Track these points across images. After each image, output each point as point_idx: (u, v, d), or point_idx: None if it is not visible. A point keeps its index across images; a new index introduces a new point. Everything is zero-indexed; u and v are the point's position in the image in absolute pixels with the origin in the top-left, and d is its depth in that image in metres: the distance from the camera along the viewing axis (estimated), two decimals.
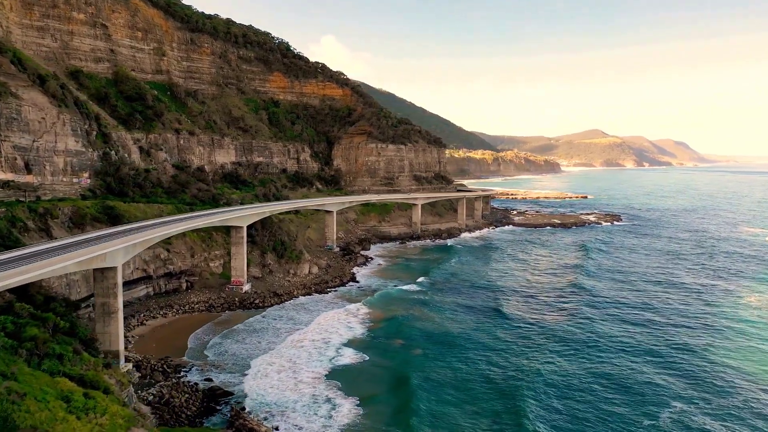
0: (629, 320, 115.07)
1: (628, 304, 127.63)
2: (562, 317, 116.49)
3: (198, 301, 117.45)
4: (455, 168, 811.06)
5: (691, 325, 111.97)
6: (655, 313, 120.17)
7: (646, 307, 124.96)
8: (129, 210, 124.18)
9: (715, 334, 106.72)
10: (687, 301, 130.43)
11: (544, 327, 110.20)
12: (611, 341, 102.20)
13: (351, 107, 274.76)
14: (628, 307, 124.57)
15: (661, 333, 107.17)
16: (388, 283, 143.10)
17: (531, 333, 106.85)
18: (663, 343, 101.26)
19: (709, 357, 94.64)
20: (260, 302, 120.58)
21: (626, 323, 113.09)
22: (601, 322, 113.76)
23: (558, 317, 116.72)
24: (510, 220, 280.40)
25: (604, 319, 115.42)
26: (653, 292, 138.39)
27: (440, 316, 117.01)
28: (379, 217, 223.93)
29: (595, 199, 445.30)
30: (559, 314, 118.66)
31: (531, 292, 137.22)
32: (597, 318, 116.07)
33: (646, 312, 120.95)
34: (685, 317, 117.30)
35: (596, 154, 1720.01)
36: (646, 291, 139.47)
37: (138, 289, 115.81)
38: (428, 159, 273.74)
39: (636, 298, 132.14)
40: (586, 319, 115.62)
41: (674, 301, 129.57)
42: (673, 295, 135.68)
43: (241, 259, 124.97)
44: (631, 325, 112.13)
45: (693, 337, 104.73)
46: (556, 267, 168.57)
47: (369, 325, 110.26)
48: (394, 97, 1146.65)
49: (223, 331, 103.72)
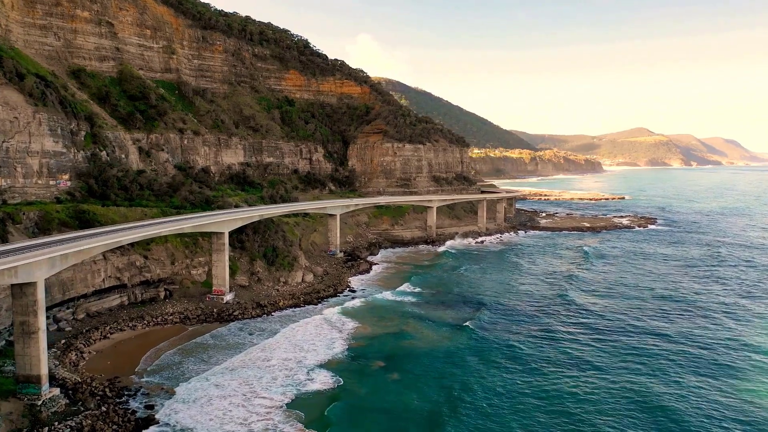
0: (629, 353, 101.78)
1: (631, 331, 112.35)
2: (562, 347, 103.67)
3: (173, 312, 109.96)
4: (490, 168, 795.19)
5: (713, 360, 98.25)
6: (669, 341, 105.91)
7: (658, 335, 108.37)
8: (107, 214, 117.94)
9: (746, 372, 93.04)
10: (713, 327, 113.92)
11: (535, 357, 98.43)
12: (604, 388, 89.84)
13: (369, 106, 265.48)
14: (628, 337, 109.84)
15: (673, 368, 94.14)
16: (385, 294, 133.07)
17: (521, 362, 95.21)
18: (669, 381, 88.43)
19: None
20: (240, 314, 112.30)
21: (625, 359, 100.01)
22: (589, 361, 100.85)
23: (558, 347, 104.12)
24: (536, 223, 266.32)
25: (591, 360, 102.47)
26: (669, 313, 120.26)
27: (432, 334, 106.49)
28: (392, 221, 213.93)
29: (632, 200, 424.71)
30: (560, 344, 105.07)
31: (529, 311, 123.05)
32: (587, 354, 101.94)
33: (657, 344, 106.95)
34: (709, 349, 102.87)
35: (641, 153, 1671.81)
36: (662, 314, 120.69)
37: (110, 298, 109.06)
38: (449, 159, 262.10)
39: (643, 323, 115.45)
40: (582, 349, 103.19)
41: (698, 330, 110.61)
42: (698, 321, 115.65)
43: (223, 268, 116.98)
44: (634, 358, 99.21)
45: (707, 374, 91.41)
46: (564, 281, 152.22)
47: (352, 343, 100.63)
48: (431, 96, 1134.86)
49: (190, 347, 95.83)
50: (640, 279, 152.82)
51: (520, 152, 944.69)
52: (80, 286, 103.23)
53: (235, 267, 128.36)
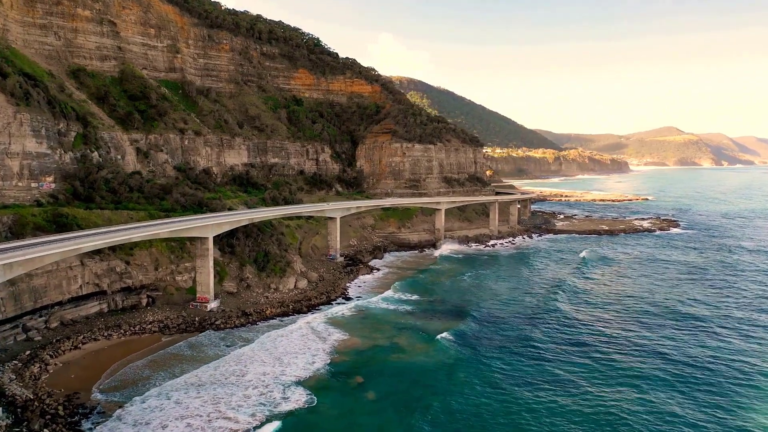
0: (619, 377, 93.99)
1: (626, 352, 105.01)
2: (555, 367, 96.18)
3: (152, 321, 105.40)
4: (512, 168, 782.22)
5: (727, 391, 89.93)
6: (669, 362, 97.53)
7: (658, 356, 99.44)
8: (89, 218, 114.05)
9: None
10: (722, 348, 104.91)
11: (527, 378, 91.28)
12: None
13: (380, 105, 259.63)
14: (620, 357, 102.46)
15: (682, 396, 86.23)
16: (379, 302, 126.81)
17: (510, 382, 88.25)
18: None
19: None
20: (222, 323, 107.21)
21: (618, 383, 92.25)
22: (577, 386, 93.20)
23: (550, 368, 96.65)
24: (552, 225, 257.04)
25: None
26: (675, 332, 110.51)
27: (420, 347, 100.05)
28: (398, 223, 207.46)
29: (656, 201, 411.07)
30: (553, 364, 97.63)
31: (525, 325, 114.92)
32: (581, 377, 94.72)
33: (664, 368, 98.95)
34: (713, 375, 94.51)
35: (670, 152, 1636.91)
36: (666, 332, 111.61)
37: (88, 306, 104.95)
38: (461, 159, 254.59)
39: (644, 342, 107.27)
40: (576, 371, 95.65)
41: (704, 352, 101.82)
42: (707, 341, 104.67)
43: (207, 274, 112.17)
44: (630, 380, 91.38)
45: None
46: (567, 294, 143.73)
47: (334, 357, 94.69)
48: (453, 95, 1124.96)
49: (163, 359, 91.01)
50: (650, 291, 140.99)
51: (544, 152, 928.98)
52: (54, 293, 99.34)
53: (223, 273, 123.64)
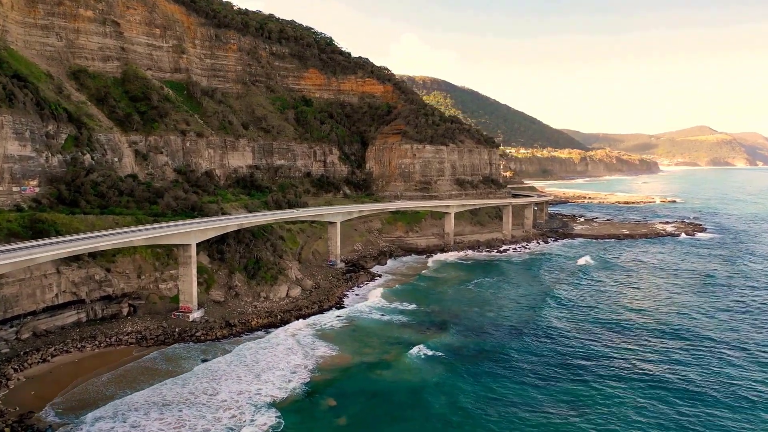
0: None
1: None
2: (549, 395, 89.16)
3: (130, 332, 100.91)
4: (537, 168, 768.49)
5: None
6: (670, 392, 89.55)
7: (657, 384, 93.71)
8: (70, 223, 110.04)
9: None
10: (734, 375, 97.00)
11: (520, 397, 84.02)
12: None
13: (391, 105, 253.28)
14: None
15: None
16: (374, 313, 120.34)
17: (498, 407, 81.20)
18: None
19: None
20: (203, 335, 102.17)
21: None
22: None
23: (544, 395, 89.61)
24: (569, 229, 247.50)
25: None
26: (682, 356, 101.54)
27: (408, 364, 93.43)
28: (406, 227, 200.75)
29: (684, 203, 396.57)
30: (548, 390, 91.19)
31: (520, 341, 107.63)
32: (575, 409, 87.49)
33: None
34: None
35: (702, 152, 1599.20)
36: (671, 355, 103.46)
37: (64, 315, 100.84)
38: (475, 161, 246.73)
39: (644, 366, 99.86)
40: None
41: (712, 379, 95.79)
42: (714, 366, 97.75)
43: (189, 283, 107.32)
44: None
45: None
46: (570, 308, 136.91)
47: (315, 375, 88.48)
48: (477, 94, 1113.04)
49: (133, 374, 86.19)
50: (657, 306, 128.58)
51: (570, 152, 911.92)
52: (27, 303, 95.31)
53: (211, 281, 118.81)
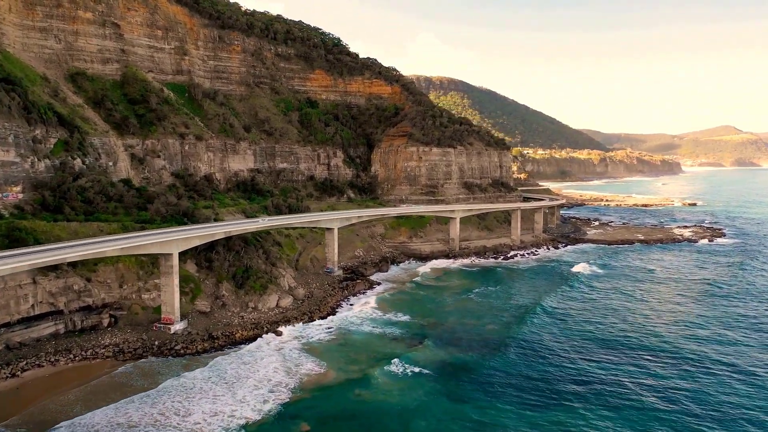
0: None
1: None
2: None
3: (108, 344, 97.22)
4: (555, 169, 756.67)
5: None
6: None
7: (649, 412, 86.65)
8: (51, 231, 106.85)
9: None
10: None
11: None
12: None
13: (399, 106, 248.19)
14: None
15: None
16: (366, 324, 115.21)
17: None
18: None
19: None
20: (183, 348, 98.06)
21: None
22: None
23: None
24: (582, 234, 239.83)
25: None
26: (682, 381, 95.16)
27: (392, 384, 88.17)
28: (410, 232, 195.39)
29: (705, 206, 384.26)
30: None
31: (518, 358, 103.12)
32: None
33: None
34: None
35: (726, 152, 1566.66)
36: (672, 383, 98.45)
37: (41, 327, 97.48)
38: (484, 163, 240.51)
39: (641, 389, 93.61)
40: None
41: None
42: (716, 392, 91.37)
43: (171, 293, 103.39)
44: None
45: None
46: (569, 323, 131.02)
47: (294, 395, 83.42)
48: (495, 94, 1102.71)
49: (101, 391, 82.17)
50: (658, 322, 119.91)
51: (589, 153, 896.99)
52: (0, 314, 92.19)
53: (197, 290, 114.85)
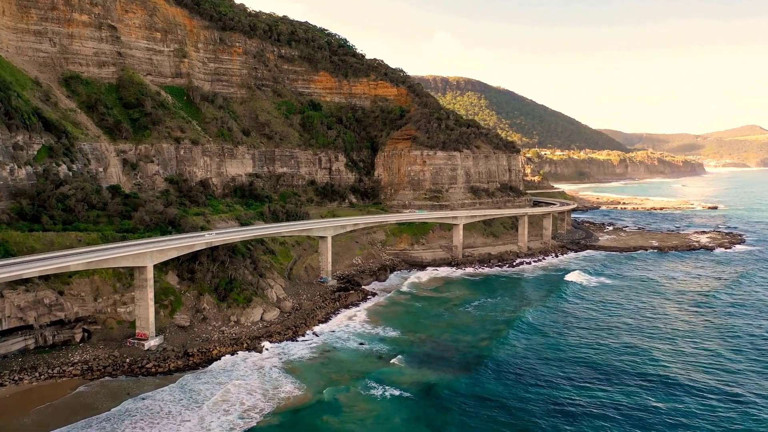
0: None
1: None
2: None
3: (77, 362, 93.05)
4: (573, 171, 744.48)
5: None
6: None
7: None
8: (25, 242, 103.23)
9: None
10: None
11: None
12: None
13: (404, 108, 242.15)
14: None
15: None
16: (352, 340, 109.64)
17: None
18: None
19: None
20: (155, 366, 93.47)
21: None
22: None
23: None
24: (593, 240, 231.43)
25: None
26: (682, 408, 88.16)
27: (369, 409, 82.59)
28: (411, 239, 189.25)
29: (726, 210, 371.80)
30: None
31: (514, 381, 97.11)
32: None
33: None
34: None
35: (751, 152, 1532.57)
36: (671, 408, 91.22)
37: (9, 342, 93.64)
38: (492, 167, 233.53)
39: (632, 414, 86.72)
40: None
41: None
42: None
43: (146, 307, 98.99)
44: None
45: None
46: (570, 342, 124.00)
47: (267, 419, 78.83)
48: (513, 95, 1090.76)
49: (62, 414, 77.87)
50: (654, 344, 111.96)
51: (608, 153, 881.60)
52: None
53: (177, 303, 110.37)
